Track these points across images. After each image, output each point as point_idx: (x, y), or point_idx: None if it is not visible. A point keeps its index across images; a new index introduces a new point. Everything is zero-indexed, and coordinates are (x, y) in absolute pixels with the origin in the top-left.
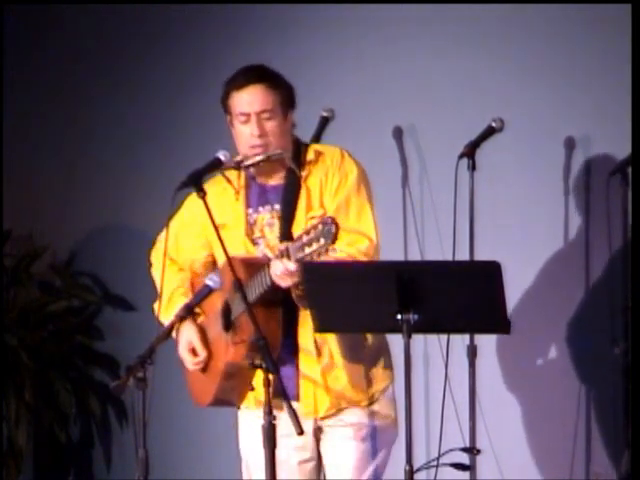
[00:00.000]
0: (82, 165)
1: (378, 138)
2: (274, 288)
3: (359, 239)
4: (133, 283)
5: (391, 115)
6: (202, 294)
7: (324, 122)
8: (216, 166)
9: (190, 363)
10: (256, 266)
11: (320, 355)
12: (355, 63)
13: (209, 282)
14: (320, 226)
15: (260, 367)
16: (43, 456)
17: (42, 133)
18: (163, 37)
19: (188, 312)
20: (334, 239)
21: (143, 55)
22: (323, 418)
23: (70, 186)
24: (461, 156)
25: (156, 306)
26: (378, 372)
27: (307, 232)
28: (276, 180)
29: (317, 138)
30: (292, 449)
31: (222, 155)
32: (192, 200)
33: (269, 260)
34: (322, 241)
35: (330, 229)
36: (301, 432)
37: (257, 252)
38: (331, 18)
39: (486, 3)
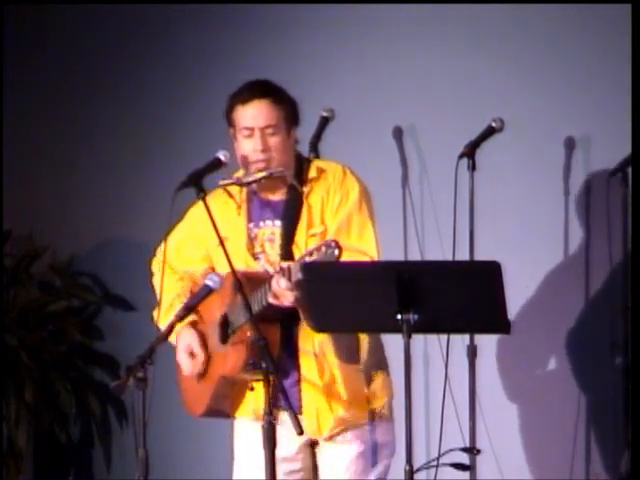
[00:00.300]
0: (82, 165)
1: (378, 138)
2: (273, 307)
3: (360, 258)
4: (133, 283)
5: (391, 115)
6: (202, 294)
7: (324, 122)
8: (216, 166)
9: (188, 367)
10: (256, 281)
11: (321, 371)
12: (355, 63)
13: (209, 282)
14: (323, 248)
15: (260, 367)
16: (43, 456)
17: (42, 133)
18: (163, 37)
19: (188, 312)
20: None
21: (143, 55)
22: (326, 439)
23: (70, 186)
24: (461, 156)
25: (155, 313)
26: (377, 388)
27: (310, 253)
28: (278, 196)
29: (317, 138)
30: (281, 460)
31: (222, 155)
32: (193, 213)
33: (270, 276)
34: None
35: (333, 252)
36: (301, 432)
37: (258, 267)
38: (331, 18)
39: (486, 3)
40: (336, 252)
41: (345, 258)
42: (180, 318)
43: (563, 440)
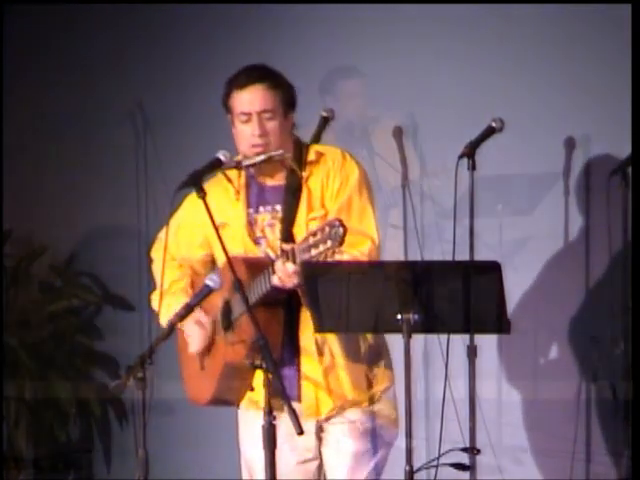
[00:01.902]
0: (82, 165)
1: (378, 138)
2: (276, 289)
3: (361, 240)
4: (133, 283)
5: (391, 115)
6: (202, 294)
7: (324, 122)
8: (216, 166)
9: (198, 337)
10: (258, 266)
11: (321, 356)
12: (355, 62)
13: (209, 282)
14: (327, 228)
15: (260, 367)
16: (43, 456)
17: (42, 133)
18: (163, 36)
19: (188, 311)
20: (341, 242)
21: (142, 55)
22: (326, 419)
23: (70, 186)
24: (461, 156)
25: (154, 296)
26: (379, 372)
27: (313, 234)
28: (277, 180)
29: (317, 138)
30: (294, 450)
31: (222, 155)
32: (192, 199)
33: (272, 260)
34: (329, 243)
35: (337, 231)
36: (301, 432)
37: (259, 252)
38: (331, 18)
39: (486, 3)
40: (340, 231)
41: (346, 240)
42: (180, 317)
43: (563, 440)
